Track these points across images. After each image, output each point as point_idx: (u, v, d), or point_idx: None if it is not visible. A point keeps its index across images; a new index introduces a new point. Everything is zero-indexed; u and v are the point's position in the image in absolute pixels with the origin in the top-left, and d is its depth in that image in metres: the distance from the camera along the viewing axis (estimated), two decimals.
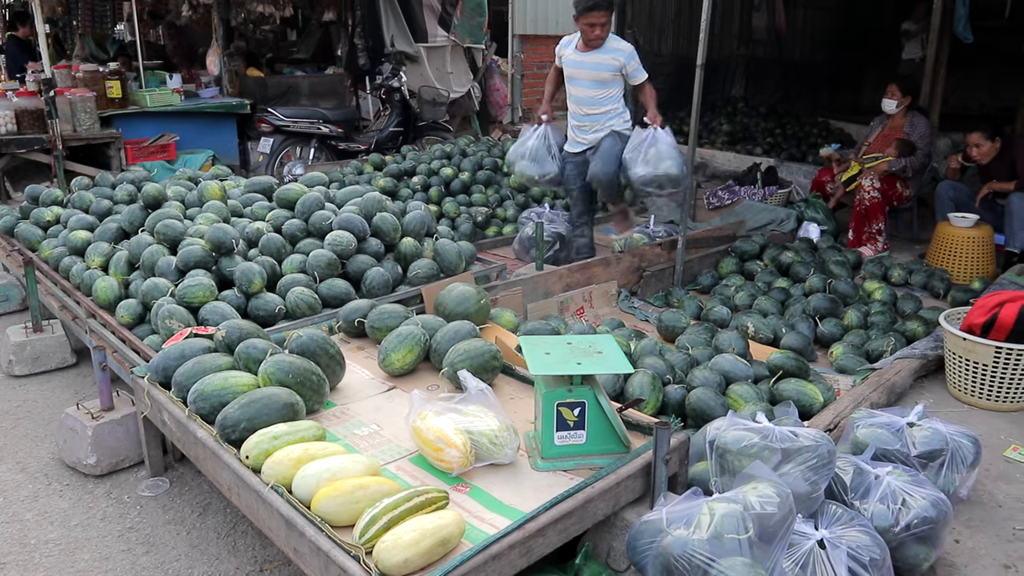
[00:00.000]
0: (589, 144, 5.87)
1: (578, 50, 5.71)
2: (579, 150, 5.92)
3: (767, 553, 2.40)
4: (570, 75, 5.79)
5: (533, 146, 5.95)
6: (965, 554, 3.12)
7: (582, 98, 5.81)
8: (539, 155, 5.94)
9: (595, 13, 5.47)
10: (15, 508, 3.52)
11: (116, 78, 8.72)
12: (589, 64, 5.69)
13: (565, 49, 5.82)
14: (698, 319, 5.10)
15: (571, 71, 5.77)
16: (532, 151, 5.94)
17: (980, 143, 6.10)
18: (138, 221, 4.84)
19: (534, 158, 5.93)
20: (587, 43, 5.63)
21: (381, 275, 4.48)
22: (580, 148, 5.92)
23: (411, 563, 2.20)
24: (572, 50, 5.76)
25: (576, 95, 5.82)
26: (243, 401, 2.95)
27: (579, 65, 5.73)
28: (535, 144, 5.95)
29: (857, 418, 3.45)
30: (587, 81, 5.73)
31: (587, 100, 5.79)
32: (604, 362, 2.81)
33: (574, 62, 5.74)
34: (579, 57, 5.71)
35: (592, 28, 5.51)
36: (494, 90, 11.59)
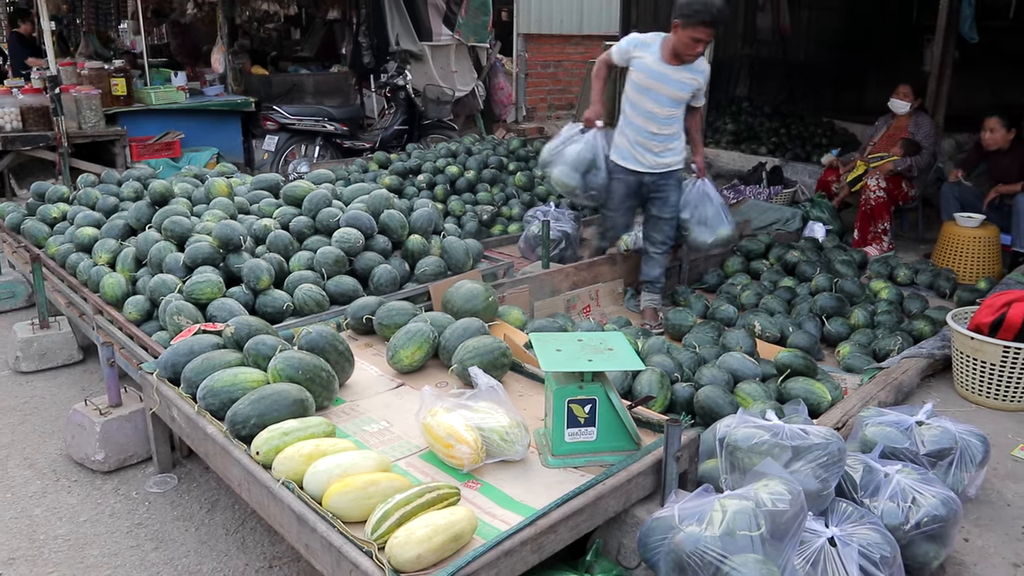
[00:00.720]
0: (651, 168, 5.03)
1: (664, 60, 4.82)
2: (638, 169, 5.06)
3: (779, 550, 2.40)
4: (644, 85, 4.88)
5: (579, 153, 5.03)
6: (974, 553, 3.12)
7: (655, 114, 4.93)
8: (586, 165, 5.03)
9: (707, 28, 4.63)
10: (23, 504, 3.52)
11: (121, 75, 8.73)
12: (673, 80, 4.85)
13: (641, 51, 4.88)
14: (704, 318, 5.10)
15: (648, 81, 4.86)
16: (577, 159, 5.02)
17: (996, 128, 6.10)
18: (145, 218, 4.84)
19: (578, 167, 5.01)
20: (679, 56, 4.78)
21: (389, 272, 4.48)
22: (639, 168, 5.06)
23: (424, 559, 2.20)
24: (655, 58, 4.83)
25: (647, 109, 4.92)
26: (253, 397, 2.95)
27: (661, 77, 4.85)
28: (582, 152, 5.03)
29: (865, 416, 3.45)
30: (665, 97, 4.88)
31: (660, 118, 4.93)
32: (615, 359, 2.81)
33: (655, 73, 4.84)
34: (662, 68, 4.83)
35: (696, 44, 4.67)
36: (498, 89, 11.59)
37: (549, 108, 13.26)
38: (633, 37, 4.97)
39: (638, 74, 4.89)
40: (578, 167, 5.01)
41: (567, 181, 5.06)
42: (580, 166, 5.00)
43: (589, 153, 5.02)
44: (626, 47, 4.96)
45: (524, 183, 7.50)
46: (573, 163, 5.02)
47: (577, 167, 5.01)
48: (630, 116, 4.99)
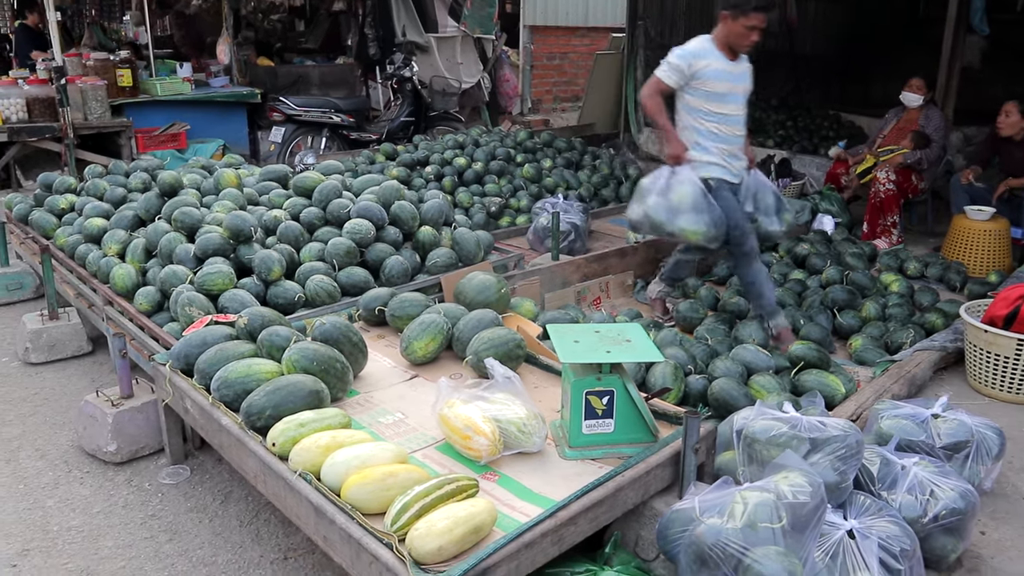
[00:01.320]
0: (739, 176, 4.63)
1: (727, 59, 4.41)
2: (735, 180, 4.60)
3: (799, 542, 2.39)
4: (723, 91, 4.41)
5: (693, 196, 4.37)
6: (991, 546, 3.10)
7: (738, 117, 4.54)
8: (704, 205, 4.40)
9: (760, 14, 4.28)
10: (36, 495, 3.51)
11: (127, 66, 8.71)
12: (739, 74, 4.48)
13: (704, 60, 4.37)
14: (715, 310, 5.08)
15: (725, 86, 4.41)
16: (695, 202, 4.36)
17: (1012, 112, 6.05)
18: (154, 209, 4.82)
19: (699, 208, 4.37)
20: (734, 50, 4.42)
21: (400, 263, 4.46)
22: (735, 179, 4.60)
23: (445, 551, 2.20)
24: (721, 60, 4.39)
25: (730, 114, 4.49)
26: (268, 388, 2.94)
27: (734, 77, 4.45)
28: (694, 192, 4.37)
29: (880, 409, 3.43)
30: (740, 96, 4.52)
31: (741, 119, 4.56)
32: (633, 350, 2.80)
33: (728, 74, 4.41)
34: (730, 67, 4.42)
35: (751, 32, 4.30)
36: (504, 81, 11.56)
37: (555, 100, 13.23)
38: (685, 51, 4.40)
39: (713, 83, 4.38)
40: (699, 208, 4.38)
41: (703, 229, 4.37)
42: (699, 206, 4.38)
43: (698, 190, 4.40)
44: (685, 63, 4.36)
45: (532, 175, 7.47)
46: (693, 206, 4.37)
47: (699, 209, 4.38)
48: (714, 129, 4.46)
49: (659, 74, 4.45)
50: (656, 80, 4.47)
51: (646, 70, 10.10)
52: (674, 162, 4.48)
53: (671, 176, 4.46)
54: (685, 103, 4.50)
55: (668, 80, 4.42)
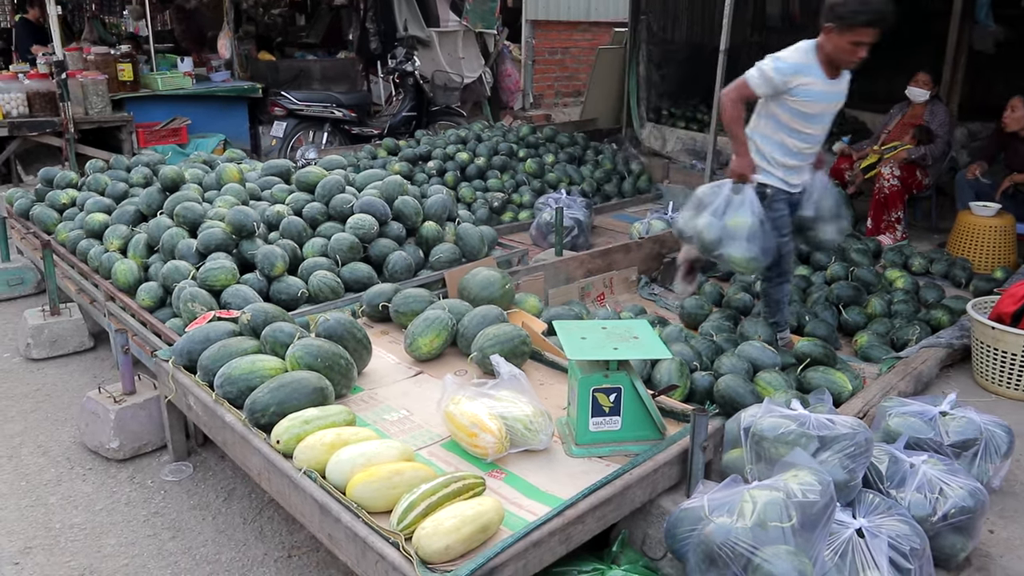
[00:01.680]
0: (801, 186, 4.28)
1: (827, 78, 3.97)
2: (793, 190, 4.25)
3: (810, 542, 2.37)
4: (815, 112, 4.01)
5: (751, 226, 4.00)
6: (1000, 544, 3.08)
7: (820, 137, 4.17)
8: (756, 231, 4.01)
9: (870, 29, 3.83)
10: (39, 492, 3.49)
11: (128, 61, 8.67)
12: (836, 94, 4.07)
13: (804, 76, 3.93)
14: (719, 306, 5.06)
15: (819, 107, 4.01)
16: (751, 231, 3.99)
17: (1017, 107, 6.01)
18: (156, 204, 4.80)
19: (754, 238, 3.99)
20: (839, 65, 3.99)
21: (404, 259, 4.44)
22: (795, 189, 4.25)
23: (452, 550, 2.17)
24: (821, 79, 3.95)
25: (814, 135, 4.11)
26: (272, 385, 2.91)
27: (830, 97, 4.04)
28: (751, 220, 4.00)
29: (888, 406, 3.41)
30: (831, 115, 4.13)
31: (822, 139, 4.20)
32: (641, 347, 2.78)
33: (826, 95, 4.00)
34: (829, 87, 3.99)
35: (858, 49, 3.85)
36: (506, 76, 11.52)
37: (556, 95, 13.19)
38: (785, 65, 3.93)
39: (806, 103, 3.97)
40: (753, 239, 4.01)
41: (752, 259, 4.02)
42: (755, 237, 4.01)
43: (756, 217, 4.03)
44: (781, 79, 3.92)
45: (534, 170, 7.45)
46: (748, 236, 4.00)
47: (752, 238, 4.01)
48: (793, 146, 4.09)
49: (749, 80, 3.99)
50: (743, 85, 4.00)
51: (648, 65, 10.08)
52: (739, 180, 4.07)
53: (731, 196, 4.06)
54: (768, 112, 4.10)
55: (757, 89, 3.99)
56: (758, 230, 4.01)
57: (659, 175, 8.69)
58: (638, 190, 7.97)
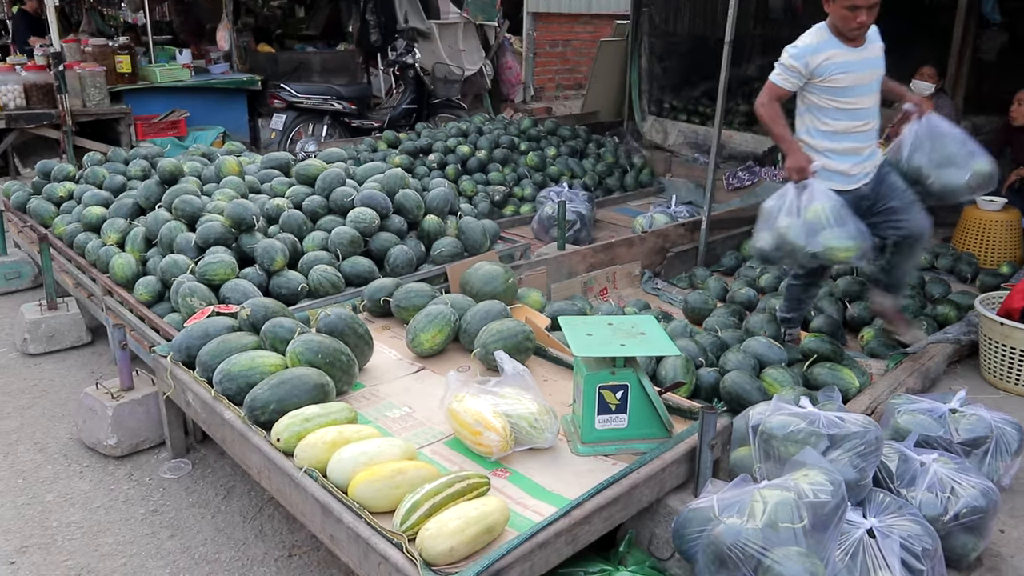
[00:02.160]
0: (866, 177, 4.01)
1: (849, 47, 3.84)
2: (855, 186, 4.01)
3: (821, 543, 2.32)
4: (850, 84, 3.86)
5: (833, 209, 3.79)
6: (1011, 544, 3.04)
7: (867, 109, 3.96)
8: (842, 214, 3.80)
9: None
10: (35, 490, 3.44)
11: (126, 53, 8.60)
12: (865, 61, 3.89)
13: (823, 52, 3.82)
14: (723, 301, 5.01)
15: (852, 78, 3.85)
16: (838, 214, 3.78)
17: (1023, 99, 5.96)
18: (154, 197, 4.74)
19: (840, 220, 3.77)
20: (846, 34, 3.81)
21: (405, 253, 4.38)
22: (857, 184, 4.01)
23: (456, 551, 2.13)
24: (842, 50, 3.82)
25: (859, 108, 3.93)
26: (272, 382, 2.86)
27: (860, 66, 3.87)
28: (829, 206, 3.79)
29: (897, 404, 3.36)
30: (872, 82, 3.94)
31: (871, 109, 3.97)
32: (648, 343, 2.73)
33: (854, 63, 3.84)
34: (852, 55, 3.84)
35: (857, 13, 3.70)
36: (506, 68, 11.44)
37: (557, 88, 13.11)
38: (799, 48, 3.87)
39: (838, 76, 3.85)
40: (842, 221, 3.80)
41: (848, 242, 3.77)
42: (843, 219, 3.80)
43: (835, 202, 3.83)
44: (801, 63, 3.84)
45: (536, 163, 7.39)
46: (835, 220, 3.79)
47: (842, 222, 3.80)
48: (844, 128, 3.94)
49: (774, 80, 3.93)
50: (771, 87, 3.94)
51: (650, 57, 10.01)
52: (798, 176, 3.88)
53: (799, 193, 3.86)
54: (806, 104, 3.98)
55: (785, 85, 3.90)
56: (843, 212, 3.80)
57: (661, 168, 8.63)
58: (640, 184, 7.92)
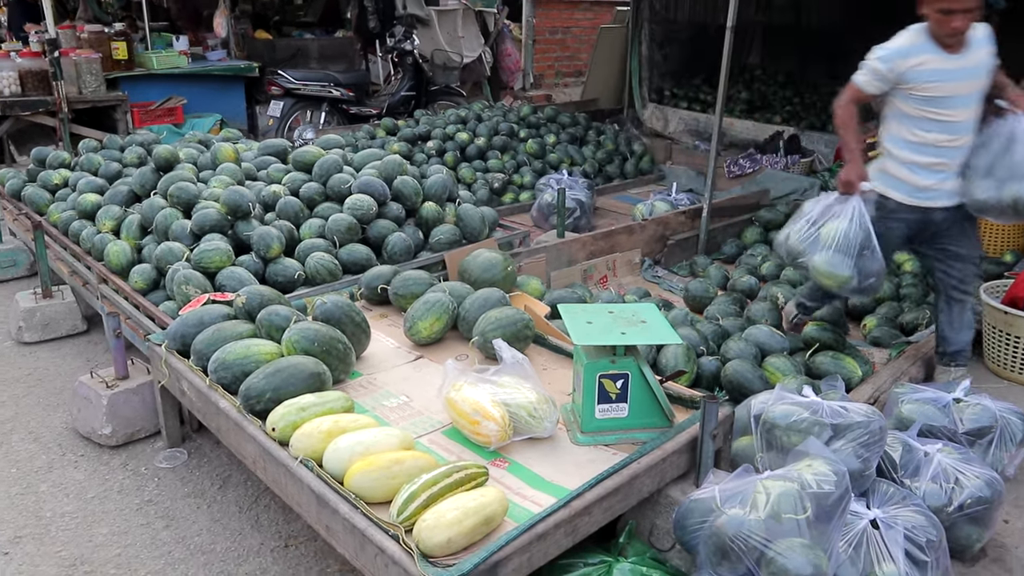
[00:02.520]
0: (946, 201, 3.63)
1: (946, 53, 3.48)
2: (928, 204, 3.64)
3: (824, 534, 2.29)
4: (943, 94, 3.49)
5: (847, 233, 3.59)
6: (1015, 534, 3.01)
7: (960, 123, 3.56)
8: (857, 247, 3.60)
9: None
10: (29, 479, 3.41)
11: (122, 39, 8.52)
12: (963, 70, 3.50)
13: (915, 57, 3.49)
14: (724, 289, 4.97)
15: (943, 88, 3.48)
16: (846, 240, 3.59)
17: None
18: (150, 184, 4.69)
19: (848, 250, 3.59)
20: (946, 42, 3.46)
21: (403, 240, 4.34)
22: (931, 203, 3.64)
23: (454, 543, 2.09)
24: (937, 56, 3.47)
25: (957, 121, 3.54)
26: (267, 371, 2.82)
27: (958, 75, 3.50)
28: (850, 229, 3.59)
29: (900, 393, 3.33)
30: (973, 94, 3.55)
31: (965, 124, 3.57)
32: (649, 332, 2.68)
33: (946, 73, 3.48)
34: (949, 63, 3.47)
35: (950, 17, 3.36)
36: (506, 55, 11.35)
37: (557, 75, 13.03)
38: (889, 50, 3.58)
39: (928, 86, 3.51)
40: (848, 250, 3.59)
41: (838, 271, 3.61)
42: (851, 249, 3.59)
43: (860, 229, 3.60)
44: (887, 66, 3.56)
45: (535, 151, 7.33)
46: (841, 246, 3.60)
47: (847, 251, 3.59)
48: (924, 139, 3.60)
49: (856, 80, 3.67)
50: (851, 88, 3.68)
51: (651, 44, 9.94)
52: (844, 189, 3.67)
53: (835, 204, 3.68)
54: (894, 110, 3.66)
55: (868, 88, 3.62)
56: (856, 242, 3.59)
57: (662, 156, 8.58)
58: (640, 171, 7.86)
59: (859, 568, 2.43)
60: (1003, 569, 2.84)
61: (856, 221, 3.62)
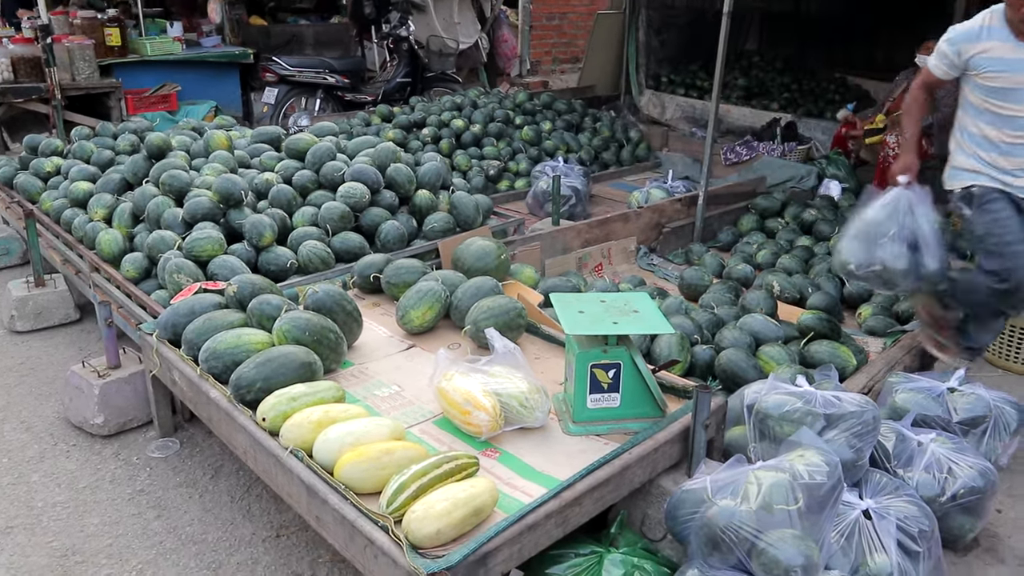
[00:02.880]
0: None
1: (1018, 40, 3.30)
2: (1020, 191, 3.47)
3: (816, 525, 2.28)
4: (1007, 87, 3.33)
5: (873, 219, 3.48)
6: (1008, 524, 3.02)
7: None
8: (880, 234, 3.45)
9: None
10: (21, 469, 3.39)
11: (115, 25, 8.44)
12: None
13: (979, 43, 3.36)
14: (720, 277, 4.95)
15: (1006, 79, 3.32)
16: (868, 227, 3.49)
17: None
18: (142, 172, 4.65)
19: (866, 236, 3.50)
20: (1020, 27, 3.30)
21: (396, 228, 4.31)
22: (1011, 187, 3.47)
23: (443, 534, 2.08)
24: (1007, 43, 3.32)
25: (1017, 116, 3.37)
26: (258, 360, 2.81)
27: None
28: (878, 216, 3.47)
29: (894, 382, 3.33)
30: None
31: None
32: (641, 321, 2.67)
33: (1013, 63, 3.31)
34: (1020, 52, 3.31)
35: None
36: (502, 41, 11.28)
37: (554, 61, 12.96)
38: (956, 33, 3.42)
39: (992, 76, 3.34)
40: (866, 237, 3.48)
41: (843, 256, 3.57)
42: (870, 236, 3.46)
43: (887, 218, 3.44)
44: (953, 49, 3.40)
45: (531, 138, 7.29)
46: (861, 232, 3.51)
47: (865, 237, 3.48)
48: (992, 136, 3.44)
49: (928, 63, 3.55)
50: (924, 72, 3.56)
51: (648, 30, 9.89)
52: (893, 180, 3.52)
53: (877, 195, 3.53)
54: (964, 99, 3.51)
55: (935, 71, 3.48)
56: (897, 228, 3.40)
57: (658, 143, 8.54)
58: (637, 158, 7.82)
59: (851, 559, 2.43)
60: (996, 559, 2.85)
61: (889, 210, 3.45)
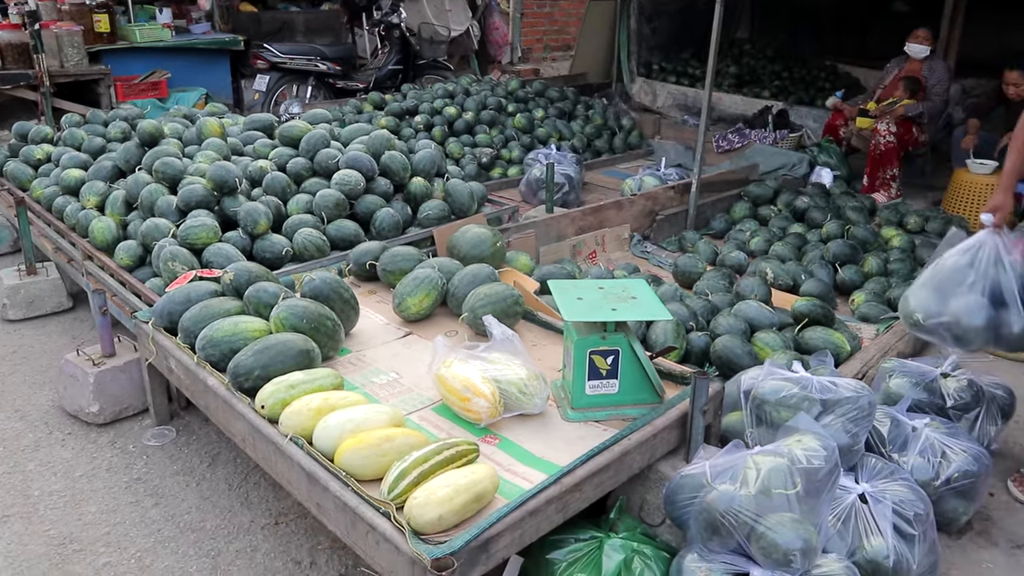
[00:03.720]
0: None
1: None
2: None
3: (814, 508, 2.30)
4: None
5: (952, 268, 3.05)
6: (1001, 507, 3.05)
7: None
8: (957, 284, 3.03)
9: None
10: (16, 458, 3.38)
11: (104, 12, 8.37)
12: None
13: None
14: (713, 264, 4.96)
15: None
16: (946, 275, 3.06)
17: (1019, 82, 5.84)
18: (134, 159, 4.62)
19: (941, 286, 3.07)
20: None
21: (391, 216, 4.31)
22: None
23: (445, 520, 2.09)
24: None
25: None
26: (256, 348, 2.80)
27: None
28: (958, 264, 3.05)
29: (888, 368, 3.35)
30: None
31: None
32: (640, 308, 2.68)
33: None
34: None
35: None
36: (493, 29, 11.25)
37: (545, 49, 12.91)
38: None
39: None
40: (940, 285, 3.05)
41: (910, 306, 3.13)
42: (944, 284, 3.04)
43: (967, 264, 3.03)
44: None
45: (523, 125, 7.28)
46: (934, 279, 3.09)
47: (939, 285, 3.06)
48: None
49: None
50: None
51: (639, 18, 9.87)
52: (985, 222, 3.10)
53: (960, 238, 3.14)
54: None
55: None
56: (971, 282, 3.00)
57: (650, 131, 8.55)
58: (629, 146, 7.83)
59: (847, 542, 2.46)
60: (989, 542, 2.88)
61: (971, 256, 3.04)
